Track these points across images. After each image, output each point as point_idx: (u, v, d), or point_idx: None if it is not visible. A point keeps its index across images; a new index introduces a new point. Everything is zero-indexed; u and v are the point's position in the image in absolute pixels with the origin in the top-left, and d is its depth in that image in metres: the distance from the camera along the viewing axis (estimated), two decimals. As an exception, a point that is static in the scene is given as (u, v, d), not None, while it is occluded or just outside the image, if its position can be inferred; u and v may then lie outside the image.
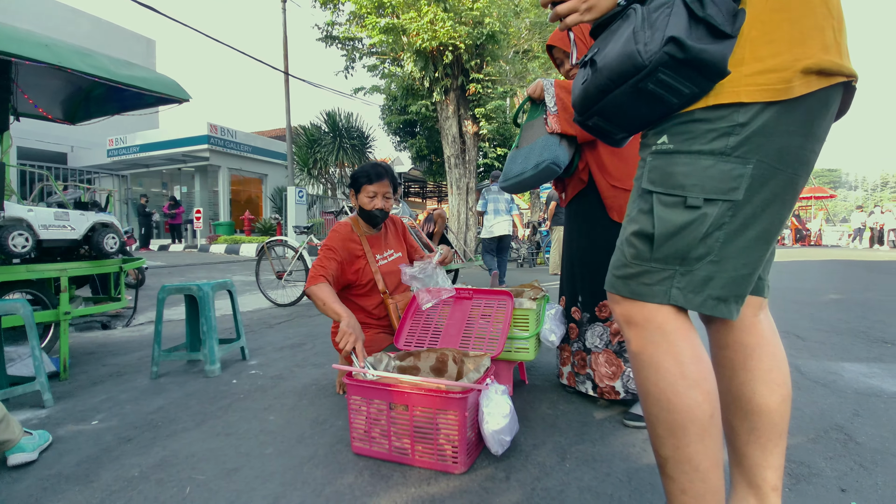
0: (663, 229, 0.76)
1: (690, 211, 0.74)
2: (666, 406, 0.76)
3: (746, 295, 0.79)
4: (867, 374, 2.13)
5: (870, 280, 5.93)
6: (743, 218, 0.74)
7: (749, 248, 0.75)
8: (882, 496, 1.16)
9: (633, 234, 0.80)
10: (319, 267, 1.86)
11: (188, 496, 1.23)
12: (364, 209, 1.97)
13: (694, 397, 0.75)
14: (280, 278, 4.47)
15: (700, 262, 0.75)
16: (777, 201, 0.75)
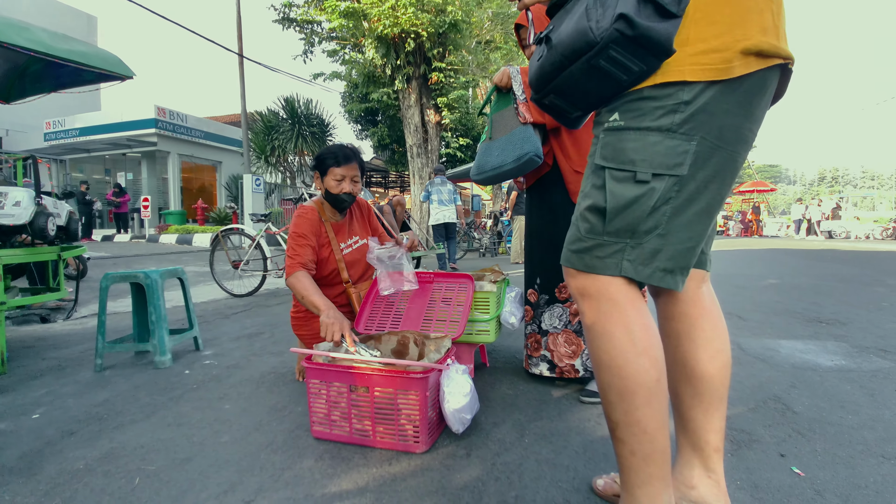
0: (615, 203, 0.79)
1: (640, 185, 0.77)
2: (617, 373, 0.80)
3: (691, 267, 0.83)
4: (803, 351, 2.29)
5: (805, 266, 6.38)
6: (688, 193, 0.77)
7: (693, 221, 0.79)
8: (822, 461, 1.25)
9: (587, 209, 0.83)
10: (294, 255, 1.78)
11: (137, 487, 1.17)
12: (331, 193, 1.88)
13: (642, 364, 0.79)
14: (236, 268, 4.31)
15: (649, 235, 0.79)
16: (718, 178, 0.79)
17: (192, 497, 1.13)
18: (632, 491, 0.81)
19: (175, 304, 3.58)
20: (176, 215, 13.55)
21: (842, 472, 1.20)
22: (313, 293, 1.65)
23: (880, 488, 1.12)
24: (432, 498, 1.10)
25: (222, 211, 13.26)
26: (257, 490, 1.15)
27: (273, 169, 11.21)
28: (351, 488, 1.15)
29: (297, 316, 1.90)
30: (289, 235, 1.85)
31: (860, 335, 2.58)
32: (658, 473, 0.79)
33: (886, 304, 3.55)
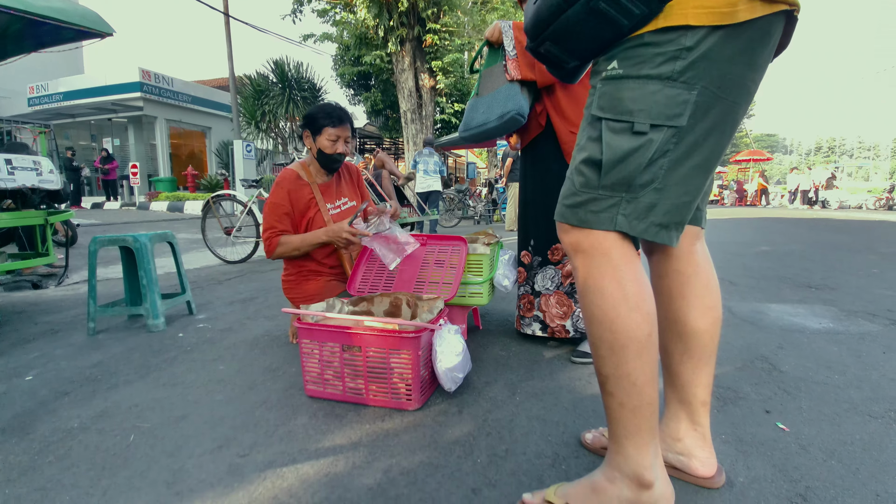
0: (611, 156, 0.77)
1: (637, 137, 0.75)
2: (608, 327, 0.80)
3: (686, 222, 0.82)
4: (791, 314, 2.32)
5: (797, 234, 6.42)
6: (686, 146, 0.75)
7: (690, 176, 0.77)
8: (807, 418, 1.28)
9: (583, 162, 0.81)
10: (270, 229, 1.79)
11: (132, 443, 1.19)
12: (324, 153, 1.85)
13: (634, 318, 0.79)
14: (229, 234, 4.27)
15: (645, 189, 0.77)
16: (718, 130, 0.76)
17: (188, 452, 1.14)
18: (619, 441, 0.82)
19: (167, 271, 3.56)
20: (166, 182, 13.31)
21: (827, 428, 1.23)
22: (304, 237, 1.71)
23: (867, 445, 1.14)
24: (424, 452, 1.12)
25: (213, 178, 13.03)
26: (252, 445, 1.16)
27: (264, 135, 10.97)
28: (345, 443, 1.17)
29: (289, 279, 1.89)
30: (265, 205, 1.82)
31: (849, 300, 2.61)
32: (646, 425, 0.80)
33: (877, 270, 3.59)
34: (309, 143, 1.89)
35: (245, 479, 1.03)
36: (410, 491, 0.98)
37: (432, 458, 1.10)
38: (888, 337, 1.96)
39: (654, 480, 0.81)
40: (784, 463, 1.07)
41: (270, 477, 1.03)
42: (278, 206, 1.81)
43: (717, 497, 0.95)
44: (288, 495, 0.97)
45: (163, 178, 13.56)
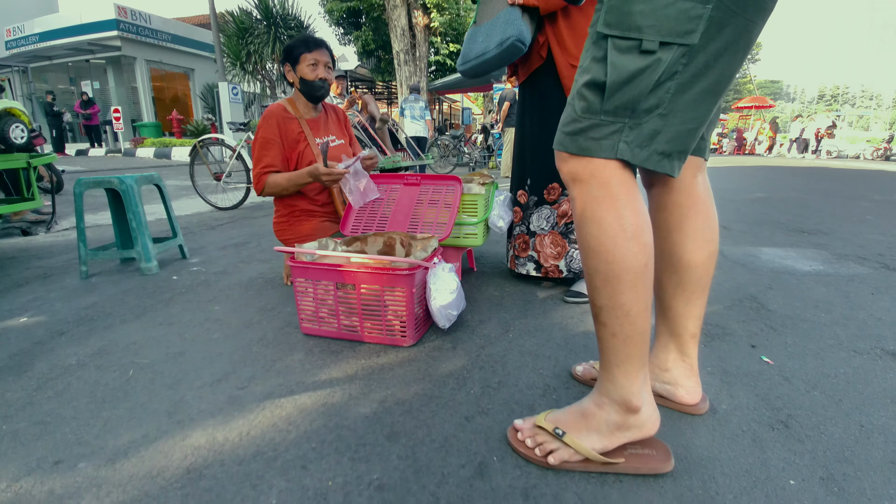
0: (616, 77, 0.72)
1: (645, 56, 0.70)
2: (605, 258, 0.79)
3: (689, 152, 0.78)
4: (782, 257, 2.34)
5: (794, 182, 6.39)
6: (696, 67, 0.71)
7: (698, 101, 0.73)
8: (791, 353, 1.31)
9: (585, 85, 0.76)
10: (259, 166, 1.75)
11: (131, 378, 1.20)
12: (306, 80, 1.80)
13: (631, 249, 0.77)
14: (219, 180, 4.18)
15: (649, 114, 0.73)
16: (730, 50, 0.72)
17: (187, 385, 1.16)
18: (610, 369, 0.84)
19: (158, 217, 3.51)
20: (150, 128, 12.88)
21: (811, 362, 1.26)
22: (289, 176, 1.71)
23: (850, 379, 1.18)
24: (419, 384, 1.15)
25: (200, 123, 12.59)
26: (250, 378, 1.19)
27: (251, 77, 10.50)
28: (340, 376, 1.19)
29: (280, 221, 1.87)
30: (254, 141, 1.77)
31: (840, 244, 2.63)
32: (636, 353, 0.81)
33: (870, 217, 3.61)
34: (291, 76, 1.84)
35: (245, 409, 1.05)
36: (405, 419, 1.01)
37: (427, 389, 1.13)
38: (877, 279, 1.99)
39: (642, 405, 0.83)
40: (767, 393, 1.11)
41: (269, 407, 1.06)
42: (268, 140, 1.76)
43: (701, 422, 0.99)
44: (287, 423, 1.00)
45: (147, 124, 13.10)
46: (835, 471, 0.85)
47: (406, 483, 0.83)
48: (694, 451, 0.90)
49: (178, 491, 0.81)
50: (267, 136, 1.76)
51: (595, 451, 0.84)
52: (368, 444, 0.93)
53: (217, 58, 9.51)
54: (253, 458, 0.89)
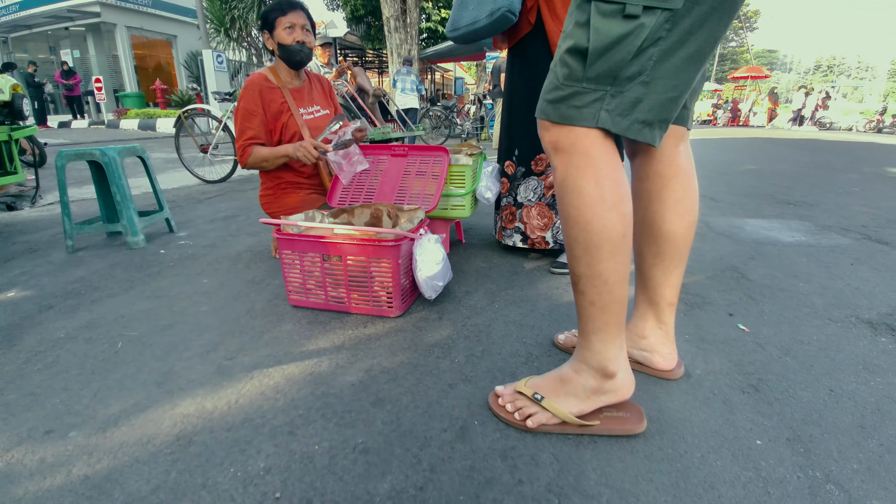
0: (598, 42, 0.71)
1: (628, 21, 0.69)
2: (585, 227, 0.79)
3: (671, 121, 0.78)
4: (766, 228, 2.38)
5: (784, 154, 6.40)
6: (679, 33, 0.70)
7: (681, 68, 0.73)
8: (767, 321, 1.35)
9: (567, 51, 0.75)
10: (242, 135, 1.73)
11: (120, 350, 1.22)
12: (284, 45, 1.75)
13: (610, 218, 0.78)
14: (205, 153, 4.10)
15: (631, 82, 0.73)
16: (716, 15, 0.71)
17: (176, 356, 1.18)
18: (588, 337, 0.86)
19: (143, 191, 3.46)
20: (134, 98, 12.51)
21: (786, 329, 1.30)
22: (274, 149, 1.69)
23: (823, 346, 1.22)
24: (405, 353, 1.18)
25: (185, 93, 12.24)
26: (238, 349, 1.20)
27: (236, 45, 10.18)
28: (328, 346, 1.21)
29: (267, 194, 1.85)
30: (235, 112, 1.74)
31: (825, 216, 2.67)
32: (614, 321, 0.83)
33: (857, 189, 3.64)
34: (270, 44, 1.80)
35: (233, 378, 1.07)
36: (390, 386, 1.04)
37: (412, 358, 1.15)
38: (858, 250, 2.03)
39: (617, 371, 0.86)
40: (740, 358, 1.14)
41: (258, 376, 1.08)
42: (250, 111, 1.73)
43: (675, 386, 1.03)
44: (274, 391, 1.02)
45: (130, 94, 12.73)
46: (802, 432, 0.89)
47: (390, 446, 0.86)
48: (667, 414, 0.94)
49: (168, 456, 0.84)
50: (249, 106, 1.72)
51: (572, 415, 0.87)
52: (354, 411, 0.96)
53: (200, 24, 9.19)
54: (241, 425, 0.92)
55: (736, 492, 0.75)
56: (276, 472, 0.80)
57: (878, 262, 1.86)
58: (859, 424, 0.92)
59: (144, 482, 0.78)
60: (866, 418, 0.93)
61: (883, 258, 1.92)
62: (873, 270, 1.77)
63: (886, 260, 1.90)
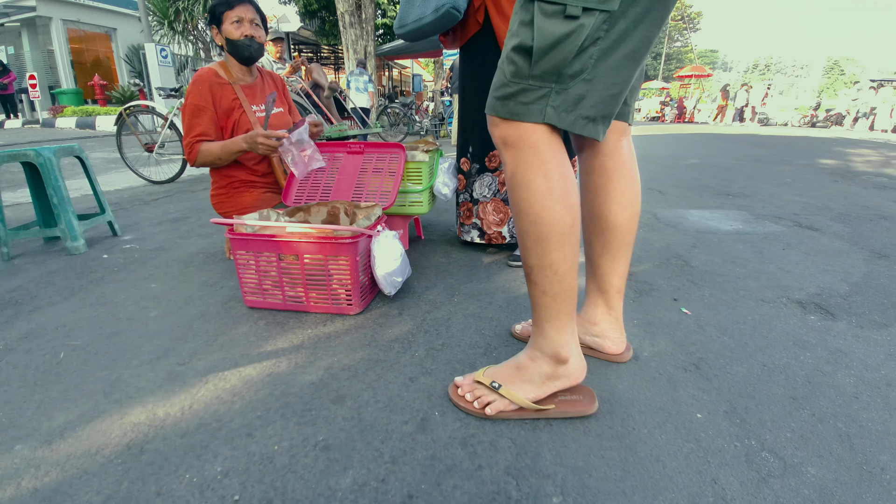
0: (542, 41, 0.74)
1: (569, 21, 0.73)
2: (534, 220, 0.83)
3: (613, 116, 0.83)
4: (708, 218, 2.52)
5: (725, 149, 6.78)
6: (617, 33, 0.74)
7: (620, 66, 0.77)
8: (707, 304, 1.45)
9: (514, 49, 0.78)
10: (191, 135, 1.67)
11: (63, 360, 1.16)
12: (232, 40, 1.70)
13: (558, 210, 0.82)
14: (151, 152, 3.91)
15: (574, 79, 0.76)
16: (650, 17, 0.75)
17: (124, 364, 1.13)
18: (541, 325, 0.90)
19: (83, 193, 3.27)
20: (70, 95, 11.73)
21: (724, 311, 1.39)
22: (226, 144, 1.65)
23: (757, 325, 1.31)
24: (365, 350, 1.18)
25: (126, 89, 11.57)
26: (191, 354, 1.17)
27: (181, 38, 9.72)
28: (287, 346, 1.20)
29: (219, 194, 1.80)
30: (182, 108, 1.68)
31: (760, 205, 2.86)
32: (565, 309, 0.87)
33: (790, 179, 3.91)
34: (219, 38, 1.74)
35: (186, 384, 1.04)
36: (351, 383, 1.04)
37: (372, 354, 1.16)
38: (789, 236, 2.19)
39: (570, 357, 0.90)
40: (683, 340, 1.22)
41: (213, 380, 1.06)
42: (199, 107, 1.67)
43: (624, 368, 1.09)
44: (231, 395, 1.01)
45: (66, 91, 11.91)
46: (738, 405, 0.97)
47: (351, 441, 0.86)
48: (616, 394, 0.99)
49: (119, 466, 0.81)
50: (197, 102, 1.66)
51: (529, 400, 0.91)
52: (314, 409, 0.95)
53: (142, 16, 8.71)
54: (196, 430, 0.90)
55: (679, 462, 0.81)
56: (235, 475, 0.78)
57: (807, 247, 2.02)
58: (791, 396, 1.00)
59: (95, 493, 0.75)
60: (797, 390, 1.02)
61: (812, 243, 2.08)
62: (803, 255, 1.92)
63: (815, 245, 2.06)
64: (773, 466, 0.80)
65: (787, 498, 0.74)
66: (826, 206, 2.87)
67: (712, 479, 0.77)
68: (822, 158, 5.59)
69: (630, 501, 0.73)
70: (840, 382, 1.04)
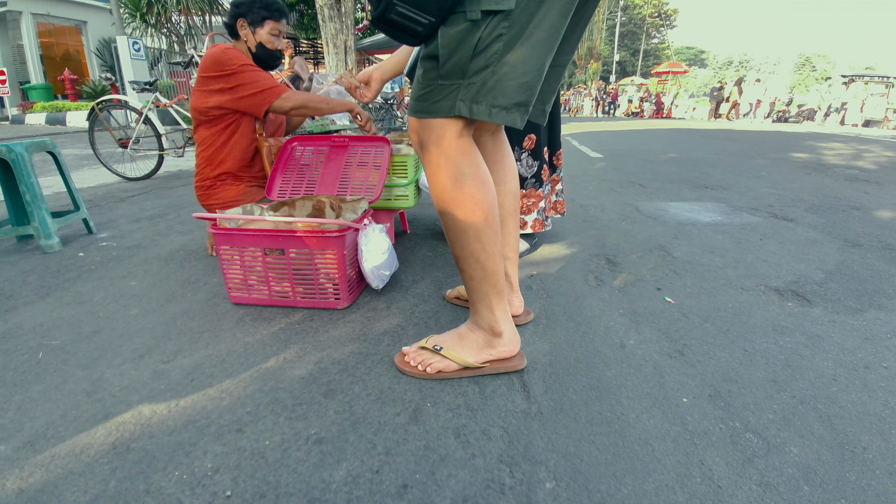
0: (446, 48, 0.80)
1: (471, 25, 0.78)
2: (451, 216, 0.91)
3: (531, 104, 0.86)
4: (687, 210, 2.57)
5: (702, 143, 6.92)
6: (519, 27, 0.78)
7: (527, 56, 0.80)
8: (690, 292, 1.48)
9: (424, 58, 0.85)
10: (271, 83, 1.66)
11: (41, 360, 1.12)
12: (266, 48, 1.73)
13: (470, 207, 0.89)
14: (125, 147, 3.80)
15: (481, 73, 0.81)
16: (553, 10, 0.79)
17: (105, 363, 1.10)
18: (475, 305, 1.01)
19: (56, 191, 3.17)
20: (40, 90, 11.31)
21: (705, 299, 1.43)
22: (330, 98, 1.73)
23: (738, 311, 1.35)
24: (354, 343, 1.17)
25: (98, 83, 11.21)
26: (176, 352, 1.15)
27: (154, 31, 9.44)
28: (275, 342, 1.18)
29: (203, 185, 1.76)
30: (233, 72, 1.62)
31: (737, 198, 2.93)
32: (492, 291, 0.97)
33: (765, 173, 4.02)
34: (245, 33, 1.72)
35: (172, 382, 1.02)
36: (342, 377, 1.04)
37: (362, 348, 1.15)
38: (765, 227, 2.25)
39: (504, 331, 1.00)
40: (667, 328, 1.25)
41: (199, 378, 1.04)
42: (252, 64, 1.67)
43: (612, 357, 1.10)
44: (219, 391, 0.99)
45: (36, 86, 11.49)
46: (721, 389, 0.99)
47: (344, 434, 0.86)
48: (604, 381, 1.01)
49: (105, 466, 0.79)
50: (248, 60, 1.66)
51: (468, 360, 1.00)
52: (305, 403, 0.95)
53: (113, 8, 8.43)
54: (184, 428, 0.88)
55: (667, 445, 0.83)
56: (226, 471, 0.77)
57: (783, 237, 2.08)
58: (772, 379, 1.03)
59: (82, 493, 0.73)
60: (778, 374, 1.05)
61: (787, 233, 2.15)
62: (779, 244, 1.98)
63: (790, 235, 2.12)
64: (757, 447, 0.83)
65: (771, 477, 0.76)
66: (800, 197, 2.96)
67: (699, 460, 0.80)
68: (795, 152, 5.75)
69: (621, 484, 0.75)
70: (819, 366, 1.08)
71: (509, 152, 1.16)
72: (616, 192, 3.10)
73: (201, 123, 1.72)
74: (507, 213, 1.17)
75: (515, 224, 1.20)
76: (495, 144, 1.12)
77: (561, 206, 1.88)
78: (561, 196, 1.87)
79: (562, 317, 1.31)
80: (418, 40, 0.85)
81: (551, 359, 1.10)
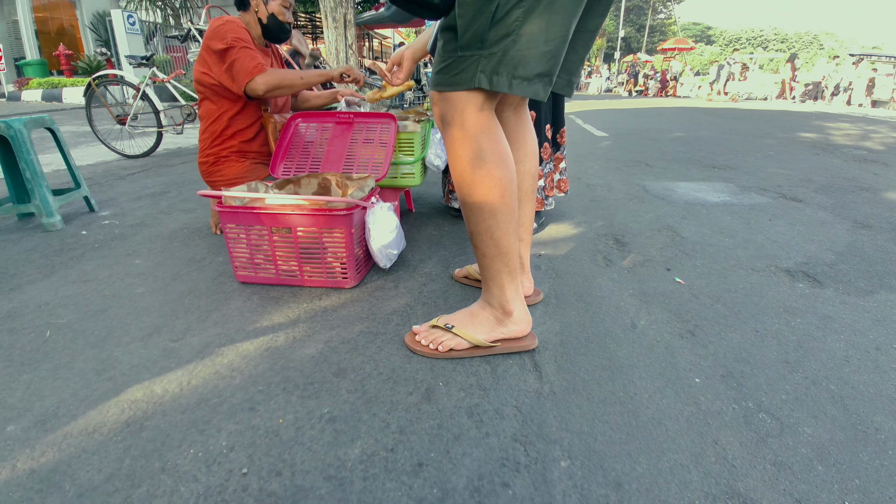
0: (464, 14, 0.77)
1: None
2: (468, 192, 0.89)
3: (554, 74, 0.83)
4: (695, 190, 2.54)
5: (709, 122, 6.82)
6: None
7: (550, 23, 0.77)
8: (700, 273, 1.47)
9: (442, 29, 0.82)
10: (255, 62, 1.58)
11: (49, 339, 1.12)
12: (277, 19, 1.69)
13: (486, 183, 0.87)
14: (123, 124, 3.74)
15: (500, 43, 0.77)
16: None
17: (114, 342, 1.10)
18: (486, 283, 0.99)
19: (55, 168, 3.13)
20: (35, 66, 11.09)
21: (715, 280, 1.42)
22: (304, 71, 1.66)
23: (748, 292, 1.34)
24: (363, 323, 1.17)
25: (93, 59, 10.98)
26: (185, 330, 1.14)
27: (150, 4, 9.22)
28: (283, 321, 1.18)
29: (206, 161, 1.73)
30: (229, 45, 1.56)
31: (745, 178, 2.89)
32: (505, 269, 0.96)
33: (773, 153, 3.96)
34: (257, 2, 1.68)
35: (182, 360, 1.02)
36: (352, 356, 1.03)
37: (371, 327, 1.15)
38: (774, 207, 2.23)
39: (514, 310, 0.99)
40: (678, 308, 1.24)
41: (209, 356, 1.04)
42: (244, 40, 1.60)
43: (623, 337, 1.10)
44: (230, 370, 0.99)
45: (31, 62, 11.26)
46: (734, 369, 0.99)
47: (357, 413, 0.86)
48: (616, 361, 1.01)
49: (119, 444, 0.79)
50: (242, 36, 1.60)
51: (479, 338, 0.99)
52: (317, 382, 0.94)
53: (106, -19, 8.20)
54: (197, 406, 0.88)
55: (680, 425, 0.83)
56: (241, 449, 0.77)
57: (792, 218, 2.06)
58: (784, 360, 1.02)
59: (96, 472, 0.73)
60: (790, 354, 1.04)
61: (797, 214, 2.12)
62: (789, 225, 1.96)
63: (800, 215, 2.10)
64: (770, 427, 0.83)
65: (785, 456, 0.76)
66: (809, 178, 2.92)
67: (713, 440, 0.79)
68: (802, 132, 5.67)
69: (636, 463, 0.75)
70: (830, 347, 1.07)
71: (531, 131, 1.13)
72: (622, 172, 3.07)
73: (206, 97, 1.69)
74: (525, 193, 1.14)
75: (532, 205, 1.17)
76: (518, 121, 1.09)
77: (564, 184, 1.85)
78: (565, 174, 1.85)
79: (572, 297, 1.30)
80: (436, 13, 0.82)
81: (562, 339, 1.09)
